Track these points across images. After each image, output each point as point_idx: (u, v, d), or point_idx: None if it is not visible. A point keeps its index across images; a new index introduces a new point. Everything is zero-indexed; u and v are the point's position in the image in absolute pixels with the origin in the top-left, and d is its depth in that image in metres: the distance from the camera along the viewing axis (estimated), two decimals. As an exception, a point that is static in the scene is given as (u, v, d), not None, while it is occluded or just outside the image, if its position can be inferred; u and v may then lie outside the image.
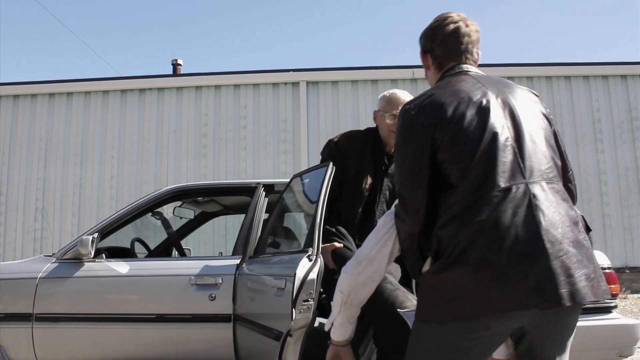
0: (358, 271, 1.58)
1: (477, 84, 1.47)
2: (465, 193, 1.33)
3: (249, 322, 2.55)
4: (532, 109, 1.47)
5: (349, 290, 1.61)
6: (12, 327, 2.81)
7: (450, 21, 1.57)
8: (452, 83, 1.48)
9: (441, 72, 1.59)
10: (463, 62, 1.56)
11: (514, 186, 1.32)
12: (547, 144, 1.43)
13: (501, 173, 1.33)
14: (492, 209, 1.29)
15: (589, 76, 7.97)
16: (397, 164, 1.48)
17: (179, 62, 9.32)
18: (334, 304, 1.68)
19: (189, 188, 3.36)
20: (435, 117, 1.39)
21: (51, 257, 3.01)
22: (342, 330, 1.72)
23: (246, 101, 7.85)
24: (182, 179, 7.48)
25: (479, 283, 1.26)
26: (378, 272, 1.58)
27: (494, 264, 1.26)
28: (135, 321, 2.78)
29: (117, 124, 7.89)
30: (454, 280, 1.29)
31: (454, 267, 1.29)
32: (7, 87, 8.10)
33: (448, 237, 1.32)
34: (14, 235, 7.69)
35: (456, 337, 1.33)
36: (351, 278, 1.60)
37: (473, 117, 1.38)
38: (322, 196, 2.33)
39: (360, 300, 1.65)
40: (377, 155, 2.53)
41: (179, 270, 2.85)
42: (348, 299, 1.63)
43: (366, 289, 1.62)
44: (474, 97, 1.41)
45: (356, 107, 7.74)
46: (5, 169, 7.86)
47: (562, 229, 1.30)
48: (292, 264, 2.22)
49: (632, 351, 2.56)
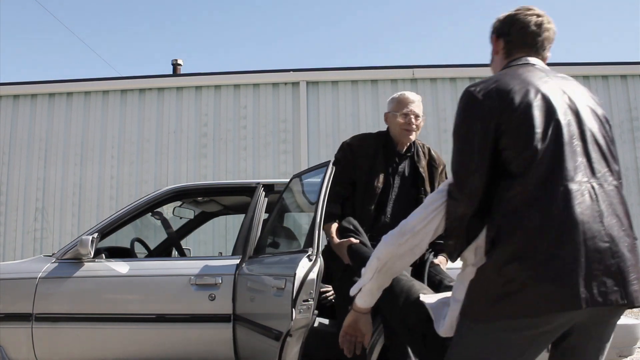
0: (400, 242, 1.58)
1: (544, 77, 1.46)
2: (530, 184, 1.31)
3: (249, 322, 2.55)
4: (595, 111, 1.46)
5: (386, 258, 1.60)
6: (12, 327, 2.81)
7: (534, 13, 1.57)
8: (520, 72, 1.47)
9: (507, 60, 1.58)
10: (533, 55, 1.56)
11: (580, 183, 1.31)
12: (607, 147, 1.43)
13: (568, 168, 1.32)
14: (560, 203, 1.28)
15: (588, 76, 7.96)
16: (457, 144, 1.45)
17: (179, 62, 9.32)
18: (365, 270, 1.67)
19: (189, 188, 3.36)
20: (502, 102, 1.38)
21: (51, 257, 3.01)
22: (369, 297, 1.71)
23: (246, 101, 7.85)
24: (182, 179, 7.48)
25: (544, 278, 1.24)
26: (419, 247, 1.58)
27: (560, 259, 1.24)
28: (135, 321, 2.78)
29: (117, 124, 7.89)
30: (517, 274, 1.26)
31: (516, 260, 1.27)
32: (7, 87, 8.10)
33: (511, 228, 1.30)
34: (14, 235, 7.69)
35: (514, 336, 1.29)
36: (391, 248, 1.59)
37: (540, 108, 1.36)
38: (322, 196, 2.33)
39: (394, 271, 1.64)
40: (389, 155, 2.61)
41: (179, 270, 2.85)
42: (384, 267, 1.62)
43: (403, 261, 1.62)
44: (541, 88, 1.40)
45: (356, 107, 7.74)
46: (5, 169, 7.86)
47: (618, 232, 1.30)
48: (292, 264, 2.22)
49: (632, 351, 2.56)
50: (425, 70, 7.71)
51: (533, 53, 1.56)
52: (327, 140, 7.61)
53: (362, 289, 1.70)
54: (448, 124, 7.41)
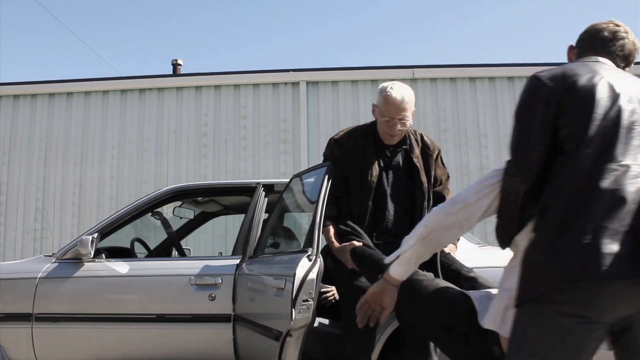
0: (450, 211, 1.55)
1: (610, 70, 1.49)
2: (583, 161, 1.33)
3: (249, 322, 2.55)
4: None
5: (434, 226, 1.58)
6: (12, 327, 2.81)
7: (611, 22, 1.62)
8: (587, 64, 1.51)
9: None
10: (604, 56, 1.58)
11: (635, 165, 1.33)
12: None
13: (623, 151, 1.34)
14: (612, 181, 1.30)
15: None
16: (518, 122, 1.47)
17: (179, 62, 9.32)
18: (408, 238, 1.63)
19: (189, 188, 3.36)
20: (566, 82, 1.41)
21: (51, 257, 3.01)
22: (404, 268, 1.66)
23: (246, 101, 7.84)
24: (182, 179, 7.47)
25: (592, 249, 1.25)
26: (468, 221, 1.55)
27: (611, 231, 1.25)
28: (135, 321, 2.78)
29: (117, 124, 7.88)
30: (564, 246, 1.27)
31: (565, 233, 1.28)
32: (7, 87, 8.10)
33: (560, 202, 1.32)
34: (14, 235, 7.68)
35: (567, 321, 1.28)
36: (441, 216, 1.57)
37: (603, 92, 1.39)
38: (322, 196, 2.33)
39: (437, 242, 1.61)
40: (379, 148, 2.52)
41: (179, 270, 2.85)
42: (429, 235, 1.58)
43: (449, 233, 1.59)
44: (606, 77, 1.43)
45: (356, 107, 7.73)
46: (5, 169, 7.85)
47: None
48: (291, 264, 2.22)
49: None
50: (425, 70, 7.70)
51: (604, 55, 1.58)
52: (327, 140, 7.61)
53: (400, 256, 1.64)
54: (448, 124, 7.40)
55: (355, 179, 2.47)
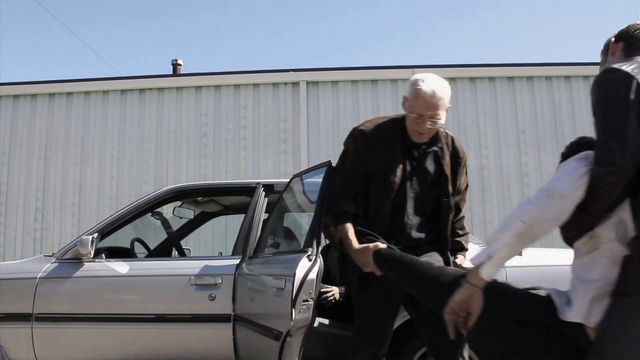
0: (548, 204, 1.45)
1: None
2: None
3: (249, 322, 2.55)
4: None
5: (532, 221, 1.46)
6: (12, 327, 2.81)
7: None
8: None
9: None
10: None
11: None
12: None
13: None
14: None
15: (588, 76, 7.95)
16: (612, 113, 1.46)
17: (179, 62, 9.32)
18: (501, 235, 1.51)
19: (189, 188, 3.36)
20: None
21: (51, 257, 3.01)
22: (496, 269, 1.53)
23: (246, 101, 7.84)
24: (182, 179, 7.47)
25: None
26: (564, 214, 1.46)
27: None
28: (135, 321, 2.78)
29: (117, 124, 7.88)
30: None
31: None
32: (7, 87, 8.10)
33: None
34: (14, 235, 7.68)
35: None
36: (539, 209, 1.46)
37: None
38: (322, 196, 2.33)
39: (533, 238, 1.49)
40: (407, 145, 2.28)
41: (179, 270, 2.85)
42: (527, 230, 1.47)
43: (545, 228, 1.48)
44: None
45: (356, 107, 7.73)
46: (5, 169, 7.85)
47: None
48: (291, 264, 2.22)
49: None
50: (425, 70, 7.70)
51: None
52: (327, 140, 7.61)
53: (493, 257, 1.51)
54: (448, 124, 7.37)
55: (378, 176, 2.23)
